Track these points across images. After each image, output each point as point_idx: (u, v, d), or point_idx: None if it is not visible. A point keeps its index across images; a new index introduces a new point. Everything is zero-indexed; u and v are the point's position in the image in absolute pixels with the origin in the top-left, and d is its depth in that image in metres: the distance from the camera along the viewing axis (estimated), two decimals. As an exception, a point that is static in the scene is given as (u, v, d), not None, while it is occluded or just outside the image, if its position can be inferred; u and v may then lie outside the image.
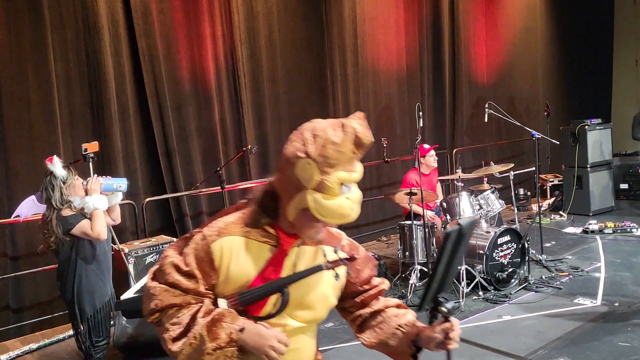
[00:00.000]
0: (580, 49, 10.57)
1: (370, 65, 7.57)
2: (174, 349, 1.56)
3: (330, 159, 1.47)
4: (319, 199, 1.49)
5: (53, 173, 3.36)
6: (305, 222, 1.56)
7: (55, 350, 4.57)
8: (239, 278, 1.60)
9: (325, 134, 1.49)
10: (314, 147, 1.49)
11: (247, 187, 6.38)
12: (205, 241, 1.60)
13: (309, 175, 1.49)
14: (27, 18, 4.96)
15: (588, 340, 3.96)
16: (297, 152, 1.51)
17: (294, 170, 1.51)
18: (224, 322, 1.55)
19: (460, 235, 1.53)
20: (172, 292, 1.59)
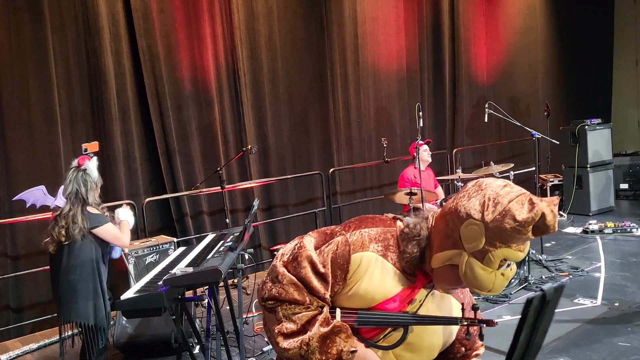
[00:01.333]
0: (580, 49, 10.56)
1: (370, 65, 7.57)
2: (283, 345, 1.51)
3: (504, 235, 1.35)
4: (474, 266, 1.40)
5: (87, 170, 3.39)
6: (446, 276, 1.48)
7: (55, 350, 4.56)
8: (365, 297, 1.53)
9: (509, 207, 1.35)
10: (492, 216, 1.36)
11: (249, 187, 6.39)
12: (348, 248, 1.52)
13: (474, 239, 1.38)
14: (27, 18, 4.96)
15: (588, 340, 3.96)
16: (471, 210, 1.39)
17: (460, 226, 1.41)
18: (338, 338, 1.50)
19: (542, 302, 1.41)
20: (300, 287, 1.52)
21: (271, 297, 1.56)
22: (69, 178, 3.40)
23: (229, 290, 3.87)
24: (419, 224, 1.54)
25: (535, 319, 1.46)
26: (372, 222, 1.60)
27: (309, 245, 1.56)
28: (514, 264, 1.44)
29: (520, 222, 1.33)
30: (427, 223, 1.54)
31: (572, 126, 8.18)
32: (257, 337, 4.41)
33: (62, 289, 3.41)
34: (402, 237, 1.54)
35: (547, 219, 1.33)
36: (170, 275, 2.74)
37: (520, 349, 1.48)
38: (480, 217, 1.37)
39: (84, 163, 3.42)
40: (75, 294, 3.39)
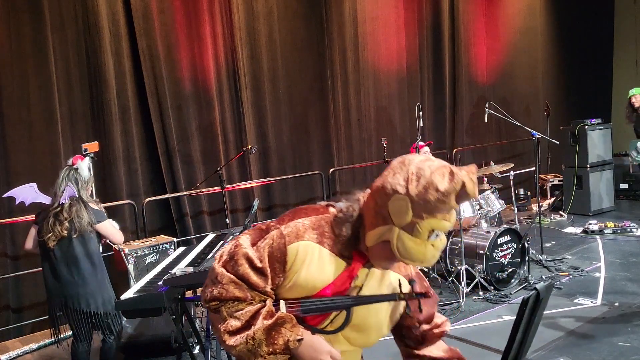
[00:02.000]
0: (580, 49, 10.56)
1: (370, 65, 7.57)
2: (229, 342, 1.53)
3: (429, 205, 1.40)
4: (404, 239, 1.44)
5: (78, 169, 3.52)
6: (381, 253, 1.51)
7: (55, 350, 4.56)
8: (305, 286, 1.55)
9: (431, 178, 1.41)
10: (416, 188, 1.41)
11: (249, 187, 6.39)
12: (283, 240, 1.54)
13: (401, 213, 1.42)
14: (27, 18, 4.96)
15: (588, 340, 3.96)
16: (396, 185, 1.43)
17: (387, 202, 1.44)
18: (283, 328, 1.52)
19: (537, 300, 1.48)
20: (239, 285, 1.54)
21: (213, 298, 1.57)
22: (61, 176, 3.51)
23: (229, 290, 3.86)
24: (351, 205, 1.57)
25: (529, 317, 1.49)
26: (305, 212, 1.62)
27: (245, 243, 1.58)
28: (443, 235, 1.47)
29: (443, 192, 1.39)
30: (358, 204, 1.57)
31: (572, 126, 8.17)
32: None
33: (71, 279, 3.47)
34: (336, 222, 1.57)
35: (468, 187, 1.39)
36: (170, 275, 2.75)
37: (515, 347, 1.50)
38: (405, 191, 1.41)
39: (77, 162, 3.55)
40: (86, 282, 3.47)
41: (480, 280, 5.01)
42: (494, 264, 5.04)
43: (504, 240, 5.15)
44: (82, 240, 3.48)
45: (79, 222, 3.41)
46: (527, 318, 1.50)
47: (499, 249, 5.10)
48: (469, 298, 4.91)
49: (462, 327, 4.37)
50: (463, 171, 1.41)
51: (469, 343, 4.08)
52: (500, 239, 5.11)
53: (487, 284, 5.04)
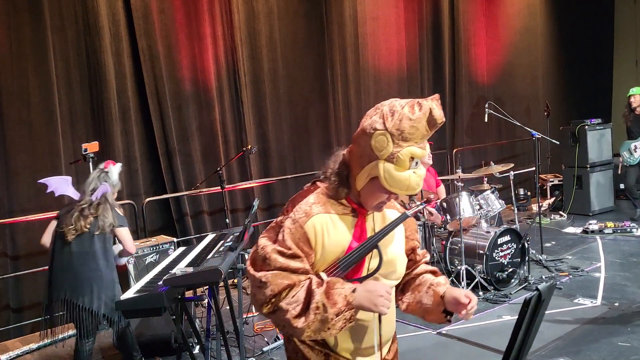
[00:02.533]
0: (580, 49, 10.56)
1: (370, 64, 7.57)
2: (300, 325, 1.62)
3: (405, 133, 1.61)
4: (389, 168, 1.62)
5: (108, 173, 3.67)
6: (372, 191, 1.70)
7: (55, 350, 4.57)
8: (334, 250, 1.71)
9: (403, 110, 1.63)
10: (391, 121, 1.62)
11: (249, 187, 6.39)
12: (297, 224, 1.69)
13: (383, 146, 1.62)
14: (27, 18, 4.96)
15: (588, 340, 3.96)
16: (375, 124, 1.64)
17: (369, 141, 1.64)
18: (336, 288, 1.63)
19: (539, 300, 1.52)
20: (283, 275, 1.65)
21: (270, 297, 1.65)
22: (92, 176, 3.67)
23: (229, 290, 3.87)
24: (333, 163, 1.80)
25: (531, 318, 1.49)
26: (302, 196, 1.79)
27: (267, 242, 1.73)
28: (422, 166, 1.69)
29: (415, 119, 1.62)
30: (342, 158, 1.78)
31: (572, 126, 8.17)
32: (257, 337, 4.41)
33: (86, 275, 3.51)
34: (331, 187, 1.76)
35: (435, 112, 1.64)
36: (170, 275, 2.74)
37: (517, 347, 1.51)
38: (383, 126, 1.62)
39: (108, 166, 3.71)
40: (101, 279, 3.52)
41: (480, 280, 5.01)
42: (494, 264, 5.04)
43: (504, 240, 5.15)
44: (102, 238, 3.56)
45: (103, 221, 3.53)
46: (529, 318, 1.51)
47: (499, 249, 5.10)
48: (469, 298, 4.90)
49: (462, 327, 4.37)
50: (429, 100, 1.66)
51: (469, 343, 4.08)
52: (500, 239, 5.12)
53: (487, 284, 5.04)
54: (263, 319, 4.86)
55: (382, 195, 1.70)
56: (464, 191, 5.28)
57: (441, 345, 4.11)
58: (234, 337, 3.94)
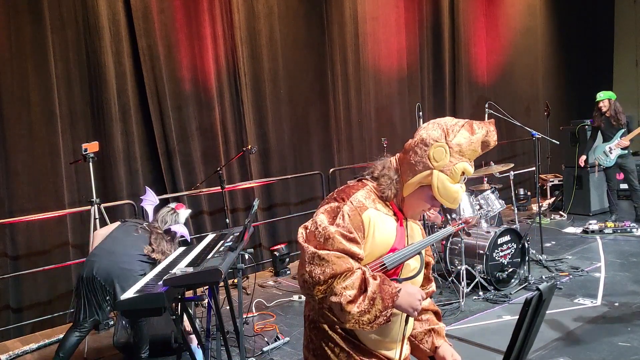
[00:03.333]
0: (580, 49, 10.56)
1: (370, 64, 7.57)
2: (352, 310, 1.66)
3: (462, 149, 1.76)
4: (443, 179, 1.76)
5: (178, 215, 3.88)
6: (418, 199, 1.83)
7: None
8: (380, 247, 1.79)
9: (463, 128, 1.78)
10: (452, 136, 1.76)
11: (249, 187, 6.39)
12: (356, 212, 1.77)
13: (441, 157, 1.76)
14: (27, 18, 4.96)
15: (588, 340, 3.96)
16: (435, 136, 1.78)
17: (427, 151, 1.77)
18: (386, 285, 1.70)
19: (540, 300, 1.53)
20: (344, 258, 1.69)
21: (328, 277, 1.67)
22: (163, 212, 3.90)
23: (229, 290, 3.87)
24: (382, 166, 1.90)
25: (532, 318, 1.50)
26: (352, 188, 1.87)
27: (327, 222, 1.76)
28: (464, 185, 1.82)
29: (474, 138, 1.77)
30: (391, 165, 1.89)
31: (572, 126, 8.18)
32: (257, 337, 4.41)
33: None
34: (381, 187, 1.85)
35: (490, 135, 1.79)
36: (170, 275, 2.74)
37: (517, 347, 1.51)
38: (444, 139, 1.77)
39: (180, 209, 3.94)
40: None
41: (480, 280, 5.01)
42: (494, 264, 5.04)
43: (504, 240, 5.15)
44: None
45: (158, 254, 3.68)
46: (530, 318, 1.51)
47: (499, 249, 5.10)
48: (469, 298, 4.91)
49: (462, 327, 4.37)
50: (487, 123, 1.81)
51: (469, 343, 4.08)
52: (500, 239, 5.12)
53: (487, 284, 5.04)
54: (263, 318, 4.86)
55: (426, 203, 1.83)
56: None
57: (441, 345, 4.11)
58: (234, 337, 3.94)
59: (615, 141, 7.19)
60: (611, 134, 7.26)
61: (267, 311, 5.03)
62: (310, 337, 1.90)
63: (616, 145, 7.17)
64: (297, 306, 5.15)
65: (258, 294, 5.50)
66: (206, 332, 3.53)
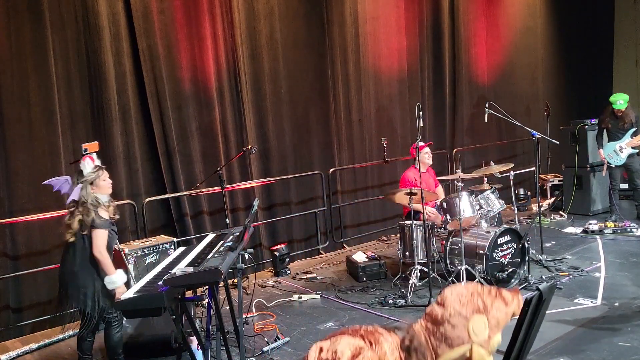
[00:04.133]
0: (580, 49, 10.57)
1: (371, 65, 7.57)
2: None
3: (499, 322, 1.74)
4: (483, 354, 1.70)
5: (82, 171, 3.69)
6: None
7: (55, 350, 4.57)
8: None
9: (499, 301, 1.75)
10: (492, 310, 1.74)
11: (249, 187, 6.39)
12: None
13: (482, 331, 1.70)
14: (27, 18, 4.96)
15: (588, 340, 3.95)
16: (477, 310, 1.74)
17: (467, 323, 1.72)
18: None
19: (540, 300, 1.56)
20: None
21: None
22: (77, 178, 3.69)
23: (229, 290, 3.87)
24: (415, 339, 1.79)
25: (532, 317, 1.50)
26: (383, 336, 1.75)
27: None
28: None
29: (509, 309, 1.76)
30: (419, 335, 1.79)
31: (572, 126, 8.18)
32: (257, 337, 4.41)
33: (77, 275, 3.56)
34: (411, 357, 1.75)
35: (520, 304, 1.74)
36: (170, 275, 2.75)
37: (517, 346, 1.52)
38: (484, 311, 1.73)
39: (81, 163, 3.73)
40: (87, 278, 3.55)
41: (480, 280, 5.01)
42: (494, 264, 5.04)
43: (504, 240, 5.15)
44: (85, 239, 3.57)
45: (86, 221, 3.54)
46: (530, 318, 1.52)
47: (499, 249, 5.10)
48: (469, 298, 4.90)
49: (462, 327, 4.37)
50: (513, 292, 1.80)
51: (469, 343, 4.08)
52: (500, 239, 5.12)
53: (487, 284, 5.03)
54: (263, 318, 4.86)
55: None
56: (463, 191, 5.28)
57: (441, 345, 4.11)
58: (234, 337, 3.95)
59: (627, 140, 7.14)
60: (619, 133, 7.22)
61: (267, 311, 5.03)
62: None
63: (627, 144, 7.13)
64: (297, 306, 5.15)
65: (258, 294, 5.50)
66: (206, 332, 3.53)
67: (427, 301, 4.74)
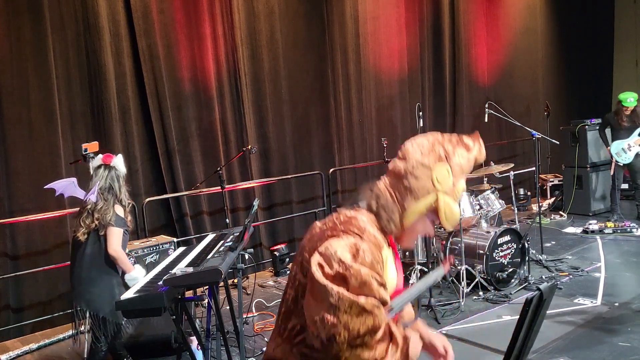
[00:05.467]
0: (580, 49, 10.56)
1: (371, 65, 7.57)
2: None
3: (463, 168, 1.70)
4: (449, 202, 1.66)
5: (116, 167, 3.60)
6: (419, 225, 1.70)
7: (55, 350, 4.57)
8: (390, 285, 1.63)
9: (458, 147, 1.72)
10: (453, 156, 1.69)
11: (249, 187, 6.39)
12: (377, 250, 1.58)
13: (445, 179, 1.66)
14: (27, 18, 4.96)
15: (588, 340, 3.96)
16: (437, 158, 1.68)
17: (431, 173, 1.65)
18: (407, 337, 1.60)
19: (540, 300, 1.53)
20: (382, 309, 1.52)
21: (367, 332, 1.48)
22: (102, 175, 3.57)
23: (229, 290, 3.87)
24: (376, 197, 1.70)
25: (532, 317, 1.49)
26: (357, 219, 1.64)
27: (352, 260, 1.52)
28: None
29: (470, 156, 1.72)
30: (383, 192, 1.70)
31: (572, 126, 8.17)
32: (257, 337, 4.41)
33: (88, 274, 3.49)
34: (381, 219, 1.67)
35: (481, 150, 1.76)
36: (170, 275, 2.74)
37: (518, 347, 1.51)
38: (446, 159, 1.67)
39: (111, 160, 3.61)
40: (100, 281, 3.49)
41: (480, 280, 5.01)
42: (494, 264, 5.04)
43: (504, 240, 5.15)
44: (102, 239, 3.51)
45: (104, 220, 3.47)
46: (530, 318, 1.51)
47: (499, 249, 5.10)
48: (469, 298, 4.91)
49: (462, 327, 4.37)
50: (473, 138, 1.77)
51: (469, 343, 4.08)
52: (500, 239, 5.11)
53: (487, 284, 5.03)
54: (263, 318, 4.86)
55: (426, 229, 1.73)
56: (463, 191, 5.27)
57: (441, 345, 4.10)
58: (234, 337, 3.94)
59: (635, 138, 7.14)
60: (627, 131, 7.21)
61: (267, 311, 5.03)
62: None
63: (635, 142, 7.12)
64: (297, 306, 5.15)
65: (258, 294, 5.50)
66: (206, 332, 3.53)
67: (427, 301, 4.74)
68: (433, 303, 4.68)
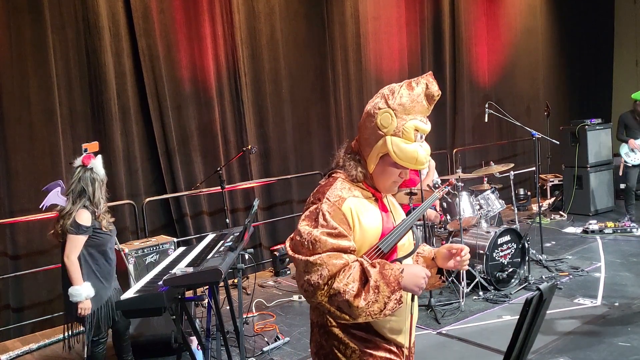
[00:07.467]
0: (580, 49, 10.57)
1: (372, 64, 7.57)
2: (361, 304, 1.63)
3: (406, 108, 1.76)
4: (397, 142, 1.75)
5: (93, 169, 3.45)
6: (383, 170, 1.81)
7: (55, 350, 4.57)
8: (371, 231, 1.77)
9: (402, 88, 1.79)
10: (392, 99, 1.78)
11: (249, 187, 6.39)
12: (335, 206, 1.74)
13: (388, 122, 1.76)
14: (27, 18, 4.95)
15: (588, 340, 3.95)
16: (378, 104, 1.79)
17: (375, 121, 1.78)
18: (387, 269, 1.67)
19: (540, 300, 1.53)
20: (336, 255, 1.68)
21: (327, 279, 1.65)
22: (76, 177, 3.43)
23: (229, 290, 3.88)
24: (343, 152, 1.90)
25: (532, 317, 1.49)
26: (327, 185, 1.84)
27: (309, 228, 1.74)
28: (427, 144, 1.82)
29: (414, 94, 1.77)
30: (351, 148, 1.89)
31: (572, 126, 8.17)
32: (257, 337, 4.41)
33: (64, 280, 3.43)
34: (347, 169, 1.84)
35: (431, 86, 1.80)
36: (170, 275, 2.74)
37: (518, 347, 1.51)
38: (386, 104, 1.78)
39: (90, 162, 3.45)
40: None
41: (480, 280, 5.01)
42: (494, 264, 5.04)
43: (504, 240, 5.15)
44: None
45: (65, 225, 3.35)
46: (530, 318, 1.51)
47: (499, 249, 5.10)
48: (469, 298, 4.91)
49: (462, 327, 4.37)
50: (424, 76, 1.82)
51: (469, 343, 4.08)
52: (500, 239, 5.12)
53: (487, 284, 5.03)
54: (263, 318, 4.86)
55: (394, 172, 1.81)
56: (464, 191, 5.28)
57: (441, 345, 4.11)
58: (234, 337, 3.95)
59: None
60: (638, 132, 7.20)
61: (267, 311, 5.03)
62: (320, 343, 1.85)
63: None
64: (297, 306, 5.15)
65: (258, 294, 5.50)
66: (206, 332, 3.53)
67: (427, 301, 4.74)
68: (433, 303, 4.69)
